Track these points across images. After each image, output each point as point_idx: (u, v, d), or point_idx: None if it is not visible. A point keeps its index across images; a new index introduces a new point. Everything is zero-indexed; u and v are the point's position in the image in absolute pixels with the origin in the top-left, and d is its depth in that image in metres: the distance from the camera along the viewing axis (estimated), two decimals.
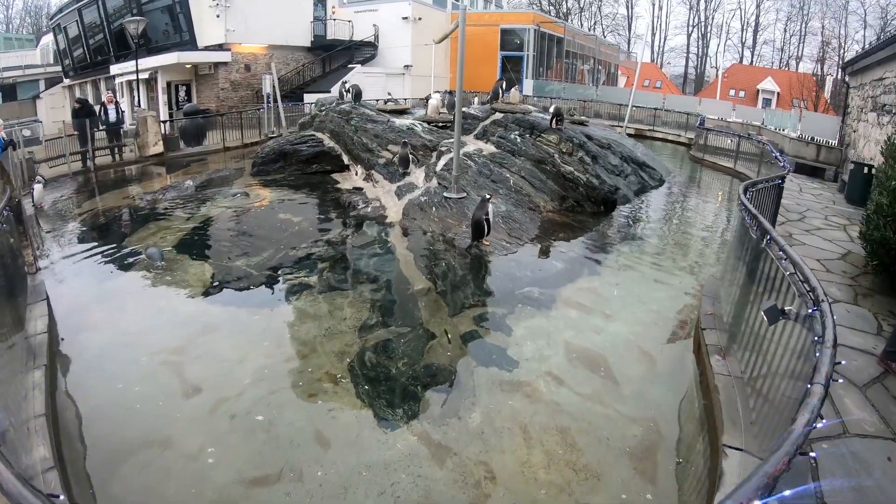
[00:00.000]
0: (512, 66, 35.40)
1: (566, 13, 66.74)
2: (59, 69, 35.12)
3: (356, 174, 14.14)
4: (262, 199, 12.51)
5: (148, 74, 26.15)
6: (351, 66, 30.84)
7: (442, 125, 14.52)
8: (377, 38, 33.04)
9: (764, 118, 26.63)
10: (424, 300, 7.25)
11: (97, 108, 17.24)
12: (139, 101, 26.52)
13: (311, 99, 23.82)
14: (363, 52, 32.83)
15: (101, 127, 16.70)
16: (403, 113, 16.03)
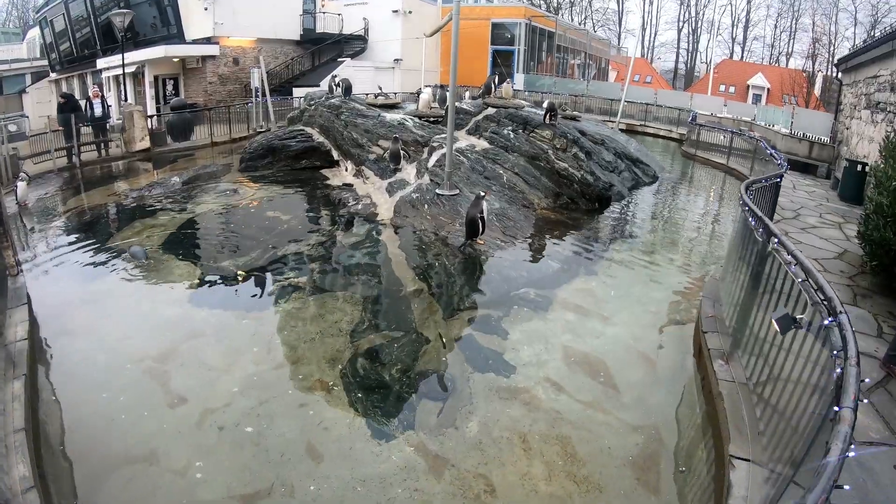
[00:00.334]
0: (503, 60, 35.19)
1: (557, 7, 66.55)
2: (45, 63, 34.64)
3: (346, 170, 13.90)
4: (250, 195, 12.25)
5: (135, 68, 25.73)
6: (340, 59, 30.52)
7: (433, 120, 14.33)
8: (367, 31, 32.71)
9: (755, 114, 26.59)
10: (417, 302, 7.07)
11: (83, 102, 16.88)
12: (126, 95, 26.08)
13: (300, 93, 23.48)
14: (353, 45, 32.50)
15: (86, 122, 16.34)
16: (394, 107, 15.81)
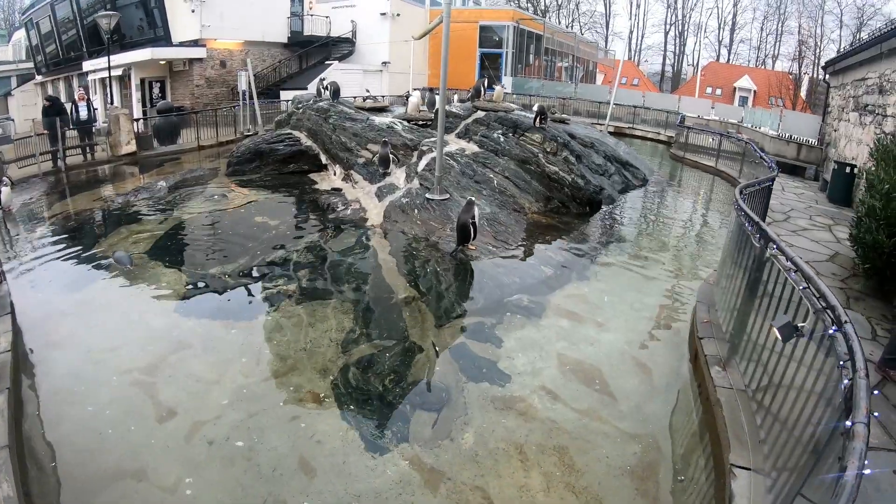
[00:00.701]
0: (491, 63, 35.17)
1: (544, 10, 66.77)
2: (31, 66, 34.26)
3: (335, 174, 13.77)
4: (237, 200, 12.08)
5: (121, 71, 25.47)
6: (328, 62, 30.38)
7: (423, 123, 14.23)
8: (355, 34, 32.60)
9: (743, 116, 26.76)
10: (409, 310, 6.97)
11: (68, 105, 16.65)
12: (112, 98, 25.79)
13: (288, 96, 23.33)
14: (341, 48, 32.38)
15: (72, 126, 16.11)
16: (383, 111, 15.68)
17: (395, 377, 5.50)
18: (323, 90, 16.11)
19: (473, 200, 8.64)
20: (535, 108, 13.17)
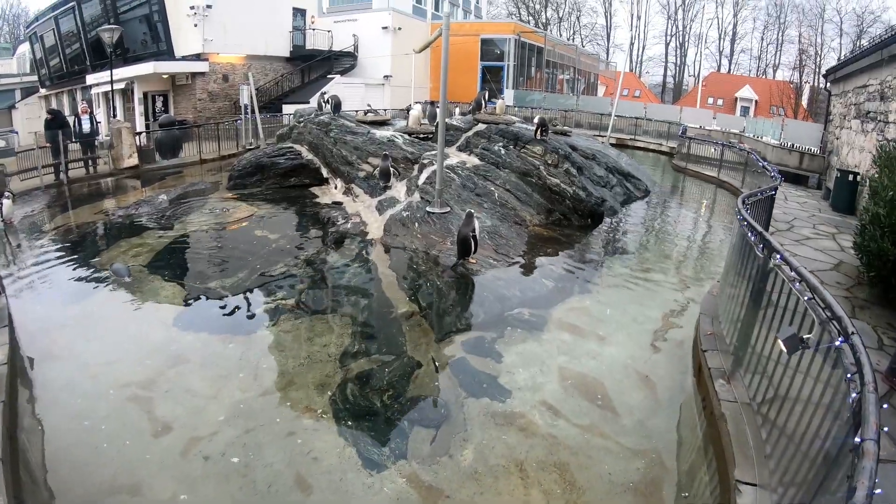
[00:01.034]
0: (492, 76, 35.28)
1: (545, 23, 67.18)
2: (35, 79, 34.49)
3: (335, 188, 13.76)
4: (237, 214, 12.07)
5: (124, 85, 25.60)
6: (330, 76, 30.49)
7: (424, 137, 14.23)
8: (357, 48, 32.76)
9: (745, 126, 26.74)
10: (409, 324, 6.89)
11: (71, 119, 16.74)
12: (115, 111, 25.93)
13: (290, 110, 23.41)
14: (343, 62, 32.51)
15: (74, 139, 16.18)
16: (384, 124, 15.71)
17: (393, 393, 5.42)
18: (324, 104, 16.14)
19: (473, 213, 8.59)
20: (535, 120, 13.15)
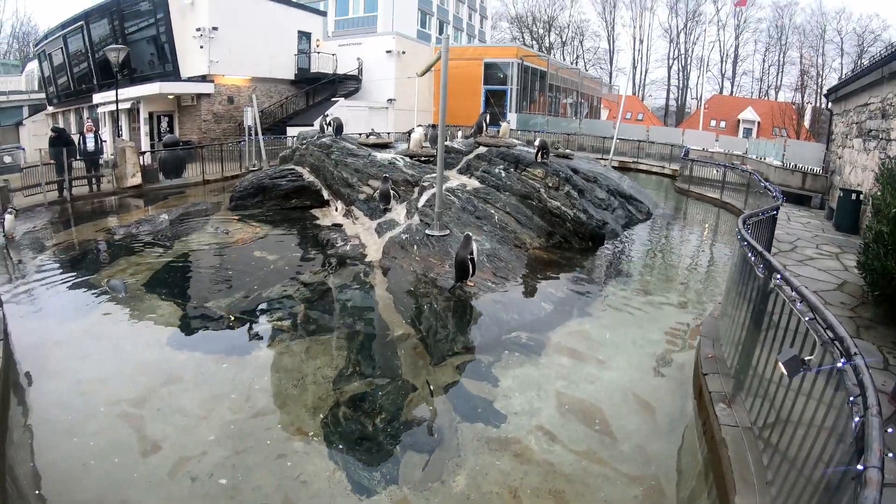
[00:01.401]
0: (496, 100, 35.59)
1: (549, 47, 67.92)
2: (43, 96, 34.95)
3: (336, 210, 13.75)
4: (238, 235, 12.07)
5: (130, 104, 25.92)
6: (335, 99, 30.76)
7: (425, 159, 14.23)
8: (361, 71, 33.07)
9: (747, 147, 26.80)
10: (405, 347, 6.80)
11: (76, 137, 16.90)
12: (121, 131, 26.16)
13: (294, 132, 23.58)
14: (347, 85, 32.81)
15: (79, 157, 16.33)
16: (386, 147, 15.75)
17: (386, 416, 5.31)
18: (326, 126, 16.19)
19: (471, 236, 8.52)
20: (536, 143, 13.15)
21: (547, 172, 12.44)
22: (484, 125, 14.99)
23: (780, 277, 4.32)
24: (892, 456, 3.56)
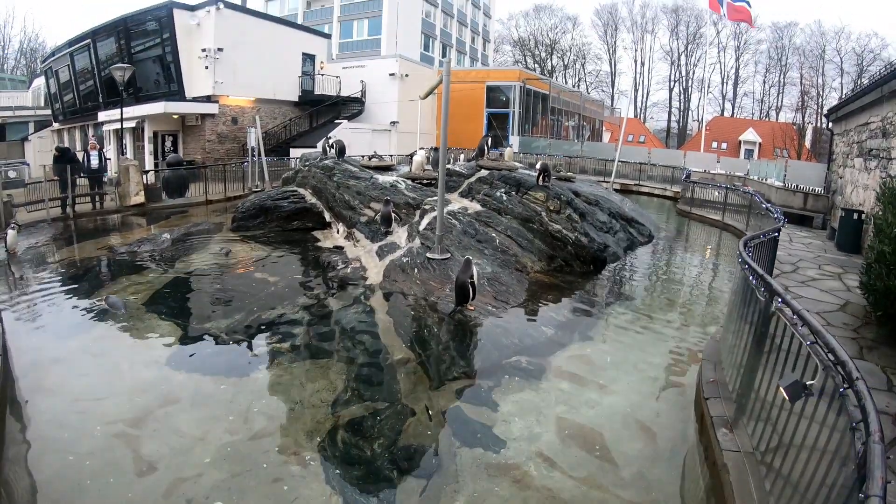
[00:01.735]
0: (498, 122, 35.85)
1: (551, 70, 68.59)
2: (49, 113, 35.26)
3: (337, 232, 13.76)
4: (239, 256, 12.09)
5: (135, 123, 26.16)
6: (338, 121, 31.01)
7: (426, 182, 14.28)
8: (364, 93, 33.39)
9: (749, 168, 26.92)
10: (404, 371, 6.75)
11: (81, 154, 17.05)
12: (125, 149, 26.37)
13: (297, 153, 23.76)
14: (350, 107, 33.10)
15: (83, 174, 16.45)
16: (388, 169, 15.82)
17: (384, 441, 5.25)
18: (328, 148, 16.26)
19: (471, 259, 8.51)
20: (537, 166, 13.20)
21: (548, 195, 12.47)
22: (486, 148, 15.06)
23: (780, 301, 4.30)
24: (894, 483, 3.51)
